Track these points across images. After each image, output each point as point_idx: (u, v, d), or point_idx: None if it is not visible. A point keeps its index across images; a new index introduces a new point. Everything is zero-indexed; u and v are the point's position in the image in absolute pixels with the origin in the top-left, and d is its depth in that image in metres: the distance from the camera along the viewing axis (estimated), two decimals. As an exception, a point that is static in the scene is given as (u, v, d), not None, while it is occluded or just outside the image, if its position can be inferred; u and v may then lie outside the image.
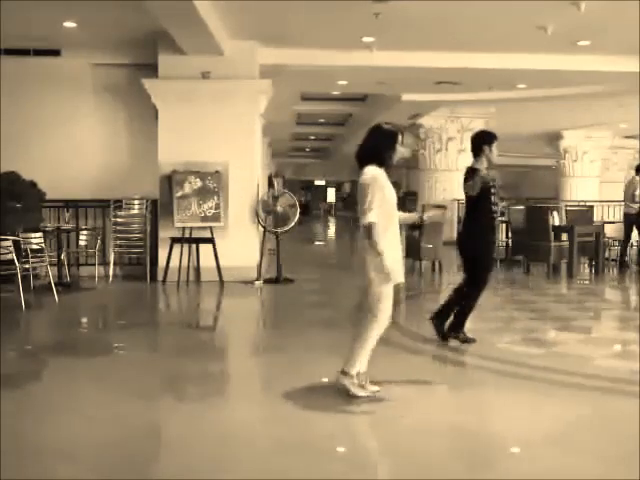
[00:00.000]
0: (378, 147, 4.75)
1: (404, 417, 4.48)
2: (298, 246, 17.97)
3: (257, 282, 10.31)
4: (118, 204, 10.67)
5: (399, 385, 5.02)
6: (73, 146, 11.06)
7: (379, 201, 4.57)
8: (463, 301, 6.40)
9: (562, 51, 10.60)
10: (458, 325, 6.39)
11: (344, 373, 4.75)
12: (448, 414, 4.61)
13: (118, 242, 10.62)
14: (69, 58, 10.90)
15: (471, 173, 6.28)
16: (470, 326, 6.51)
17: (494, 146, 6.36)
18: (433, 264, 12.14)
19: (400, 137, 4.81)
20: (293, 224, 10.78)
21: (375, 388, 4.76)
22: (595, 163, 19.77)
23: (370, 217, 4.53)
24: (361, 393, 4.70)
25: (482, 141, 6.39)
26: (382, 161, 4.73)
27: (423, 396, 4.92)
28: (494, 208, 6.32)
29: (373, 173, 4.64)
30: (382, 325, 4.75)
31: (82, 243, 10.53)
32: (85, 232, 10.49)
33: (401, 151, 4.83)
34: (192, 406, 4.76)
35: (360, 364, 4.75)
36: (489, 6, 8.53)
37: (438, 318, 6.43)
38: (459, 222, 17.72)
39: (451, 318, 6.42)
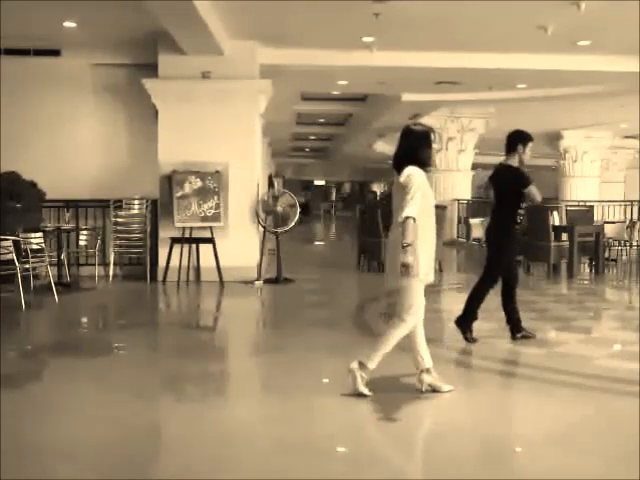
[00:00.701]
0: (413, 149, 4.79)
1: (404, 417, 4.48)
2: (298, 246, 17.98)
3: (257, 282, 10.30)
4: (118, 204, 10.67)
5: (399, 385, 5.01)
6: (73, 146, 11.07)
7: (419, 199, 4.57)
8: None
9: (562, 51, 10.60)
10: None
11: (361, 365, 4.75)
12: (450, 414, 4.60)
13: (118, 242, 10.61)
14: (69, 58, 10.90)
15: (507, 169, 6.42)
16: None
17: (529, 147, 6.46)
18: (440, 263, 12.11)
19: (432, 136, 4.85)
20: (293, 224, 10.78)
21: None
22: (595, 163, 19.77)
23: (409, 211, 4.52)
24: (365, 391, 4.70)
25: (518, 139, 6.48)
26: (420, 162, 4.76)
27: (422, 396, 4.91)
28: (521, 211, 6.44)
29: (413, 171, 4.67)
30: (409, 327, 4.76)
31: (82, 243, 10.53)
32: (85, 232, 10.49)
33: (436, 149, 4.88)
34: (192, 406, 4.76)
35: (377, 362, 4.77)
36: (489, 6, 8.52)
37: (462, 321, 6.50)
38: (460, 222, 17.77)
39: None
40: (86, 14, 9.04)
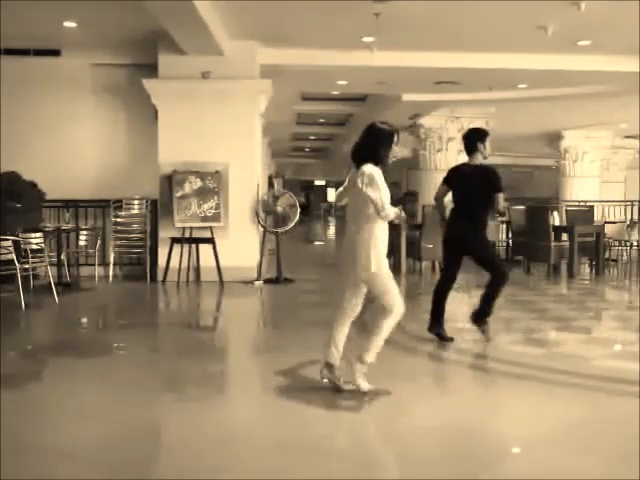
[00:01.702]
0: (374, 146, 4.81)
1: (404, 417, 4.48)
2: (298, 246, 17.98)
3: (257, 282, 10.31)
4: (118, 204, 10.67)
5: (399, 385, 5.00)
6: (73, 146, 11.08)
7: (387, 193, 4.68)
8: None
9: (562, 51, 10.59)
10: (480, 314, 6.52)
11: (360, 359, 4.80)
12: (448, 414, 4.60)
13: (118, 242, 10.62)
14: (69, 58, 10.91)
15: (485, 170, 6.45)
16: (472, 326, 6.52)
17: (487, 142, 6.50)
18: (433, 264, 12.13)
19: (396, 136, 4.84)
20: (293, 224, 10.78)
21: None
22: (595, 163, 19.75)
23: (390, 212, 4.67)
24: (365, 387, 4.73)
25: (476, 138, 6.53)
26: (378, 160, 4.79)
27: (422, 396, 4.91)
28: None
29: (373, 170, 4.71)
30: (398, 315, 4.82)
31: (82, 243, 10.54)
32: (85, 232, 10.50)
33: (396, 150, 4.86)
34: (192, 406, 4.76)
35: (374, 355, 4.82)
36: (489, 6, 8.52)
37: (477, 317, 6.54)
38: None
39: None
40: (86, 14, 9.05)
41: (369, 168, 4.71)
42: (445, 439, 4.12)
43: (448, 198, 6.70)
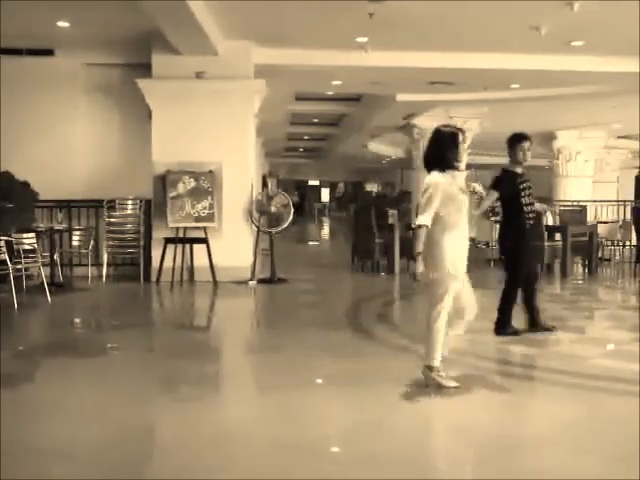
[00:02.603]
0: (439, 151, 4.90)
1: (399, 417, 4.48)
2: (292, 246, 17.98)
3: (251, 282, 10.30)
4: (111, 204, 10.65)
5: (390, 385, 5.00)
6: (66, 146, 11.04)
7: (438, 204, 4.75)
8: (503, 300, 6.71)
9: (556, 51, 10.61)
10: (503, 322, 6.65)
11: (429, 368, 4.88)
12: (444, 414, 4.61)
13: (111, 242, 10.60)
14: (62, 58, 10.87)
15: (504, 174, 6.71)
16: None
17: (525, 146, 6.66)
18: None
19: (460, 136, 4.92)
20: (287, 224, 10.77)
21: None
22: (588, 163, 19.79)
23: (420, 219, 4.75)
24: (451, 384, 4.86)
25: (515, 141, 6.69)
26: (446, 164, 4.86)
27: (417, 396, 4.91)
28: (526, 209, 6.59)
29: (432, 179, 4.82)
30: (444, 314, 4.90)
31: (75, 243, 10.51)
32: (78, 232, 10.47)
33: (464, 149, 4.97)
34: (188, 406, 4.75)
35: (439, 354, 4.91)
36: (483, 6, 8.53)
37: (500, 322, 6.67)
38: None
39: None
40: (80, 14, 9.02)
41: (429, 178, 4.84)
42: (440, 439, 4.12)
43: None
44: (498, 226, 6.88)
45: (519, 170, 6.71)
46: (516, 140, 6.67)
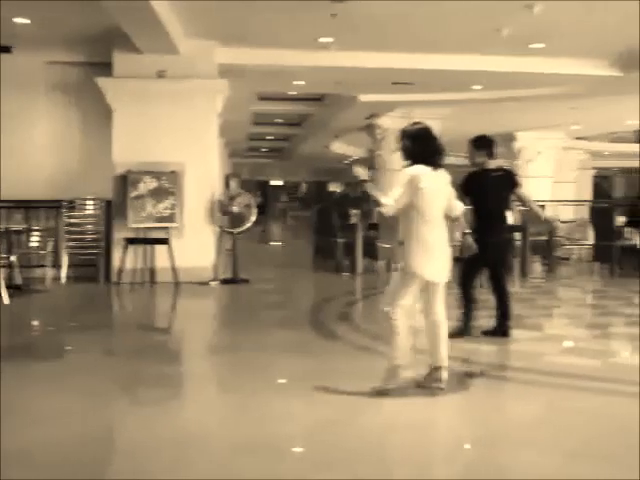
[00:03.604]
0: (410, 148, 4.87)
1: (360, 417, 4.50)
2: (255, 246, 17.94)
3: (213, 282, 10.25)
4: (71, 205, 10.51)
5: (353, 384, 5.02)
6: (25, 145, 10.87)
7: (408, 196, 4.69)
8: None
9: (516, 53, 10.75)
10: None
11: (436, 369, 4.90)
12: (405, 413, 4.63)
13: (71, 243, 10.47)
14: (21, 55, 10.67)
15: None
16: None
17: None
18: (389, 264, 12.19)
19: (430, 133, 4.90)
20: (249, 224, 10.75)
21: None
22: (548, 164, 20.06)
23: (384, 200, 4.69)
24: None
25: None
26: (424, 161, 4.81)
27: (378, 396, 4.93)
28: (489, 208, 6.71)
29: (410, 171, 4.77)
30: (401, 313, 4.82)
31: (34, 244, 10.36)
32: (37, 233, 10.32)
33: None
34: (147, 408, 4.72)
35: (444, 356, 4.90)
36: (445, 8, 8.60)
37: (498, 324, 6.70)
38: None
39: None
40: (39, 11, 8.88)
41: (409, 169, 4.79)
42: (398, 438, 4.15)
43: None
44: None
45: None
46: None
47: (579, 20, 9.00)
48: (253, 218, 10.71)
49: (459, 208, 5.19)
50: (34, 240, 10.34)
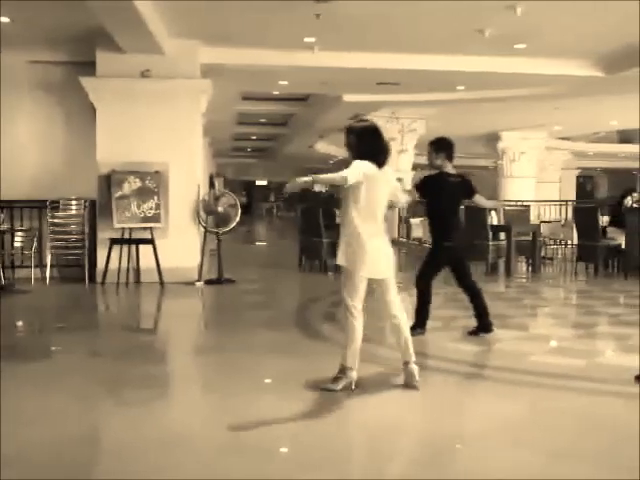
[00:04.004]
0: (355, 146, 4.84)
1: (346, 417, 4.50)
2: (240, 246, 17.91)
3: (198, 283, 10.23)
4: (55, 205, 10.45)
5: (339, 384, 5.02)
6: (8, 145, 10.76)
7: (356, 171, 4.66)
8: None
9: (500, 54, 10.80)
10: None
11: (344, 368, 4.87)
12: (389, 413, 4.64)
13: (55, 243, 10.41)
14: (3, 54, 10.57)
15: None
16: (410, 324, 6.59)
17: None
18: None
19: (376, 131, 4.88)
20: (234, 224, 10.73)
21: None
22: (531, 164, 20.19)
23: (344, 172, 4.64)
24: (338, 387, 4.83)
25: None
26: (368, 157, 4.78)
27: (363, 396, 4.94)
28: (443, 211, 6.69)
29: (359, 164, 4.73)
30: (356, 313, 4.82)
31: (17, 245, 10.30)
32: (21, 233, 10.26)
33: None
34: (133, 409, 4.70)
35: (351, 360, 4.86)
36: (429, 8, 8.63)
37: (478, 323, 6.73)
38: (400, 222, 17.93)
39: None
40: (22, 10, 8.81)
41: (355, 162, 4.75)
42: (384, 438, 4.15)
43: None
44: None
45: None
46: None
47: (561, 21, 9.06)
48: (238, 218, 10.69)
49: (403, 200, 5.27)
50: (18, 240, 10.28)
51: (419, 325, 6.65)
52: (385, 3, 8.44)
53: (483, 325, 6.70)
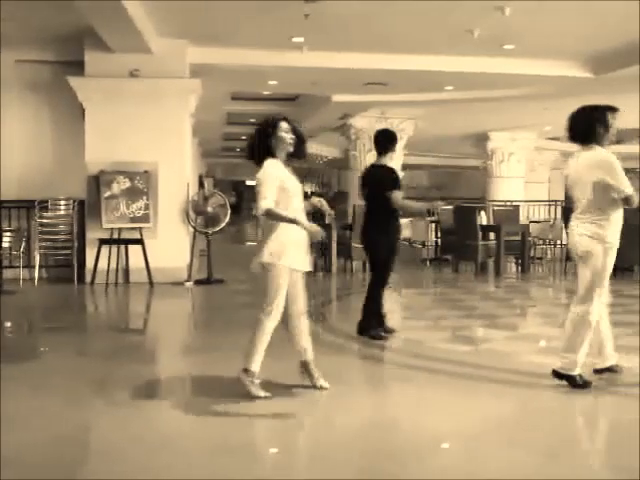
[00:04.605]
0: (257, 141, 4.85)
1: (335, 416, 4.50)
2: (229, 246, 17.88)
3: (187, 283, 10.21)
4: (44, 205, 10.41)
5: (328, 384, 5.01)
6: (-4, 145, 10.73)
7: (275, 191, 4.61)
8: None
9: (489, 54, 10.83)
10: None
11: (245, 371, 4.77)
12: (377, 412, 4.64)
13: (44, 244, 10.37)
14: (-9, 54, 10.55)
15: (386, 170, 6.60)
16: (400, 324, 6.61)
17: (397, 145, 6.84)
18: (364, 264, 12.21)
19: (283, 125, 4.80)
20: (224, 224, 10.71)
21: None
22: (521, 164, 20.24)
23: (265, 204, 4.57)
24: (260, 394, 4.69)
25: (391, 139, 6.75)
26: (271, 153, 4.78)
27: (351, 394, 4.94)
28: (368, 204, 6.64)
29: (267, 167, 4.70)
30: (274, 320, 4.80)
31: (5, 245, 10.25)
32: (9, 234, 10.21)
33: (286, 138, 4.78)
34: (122, 410, 4.67)
35: (257, 362, 4.76)
36: (416, 8, 8.64)
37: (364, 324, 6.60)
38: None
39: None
40: (9, 9, 8.76)
41: (265, 164, 4.74)
42: (374, 436, 4.15)
43: None
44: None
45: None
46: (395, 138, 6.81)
47: (550, 22, 9.08)
48: (227, 218, 10.68)
49: None
50: (6, 241, 10.24)
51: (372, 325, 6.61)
52: (374, 3, 8.45)
53: (362, 325, 6.61)
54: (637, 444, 3.83)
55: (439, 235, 13.59)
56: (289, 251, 4.69)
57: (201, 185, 12.78)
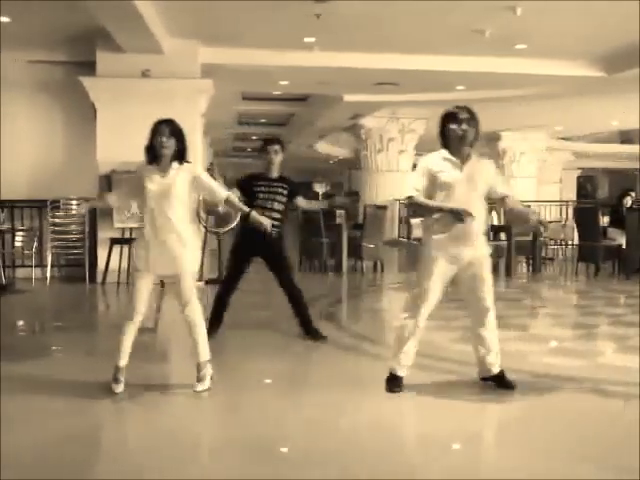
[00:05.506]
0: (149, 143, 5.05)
1: (336, 417, 4.50)
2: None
3: (198, 282, 10.20)
4: (55, 204, 10.46)
5: (330, 384, 5.01)
6: (9, 145, 10.78)
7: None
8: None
9: (500, 54, 10.80)
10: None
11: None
12: (380, 413, 4.63)
13: (56, 243, 10.42)
14: (2, 54, 10.57)
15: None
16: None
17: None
18: (375, 264, 12.22)
19: (167, 127, 5.10)
20: (235, 224, 10.71)
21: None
22: (532, 164, 20.18)
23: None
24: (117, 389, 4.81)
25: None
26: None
27: (353, 395, 4.94)
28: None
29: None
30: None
31: (18, 244, 10.30)
32: (21, 233, 10.26)
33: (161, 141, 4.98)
34: (132, 408, 4.69)
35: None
36: (429, 9, 8.63)
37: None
38: (401, 222, 17.92)
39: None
40: (21, 9, 8.82)
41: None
42: (378, 438, 4.14)
43: None
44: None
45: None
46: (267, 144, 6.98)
47: (562, 21, 9.06)
48: (238, 218, 10.67)
49: None
50: (18, 240, 10.29)
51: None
52: (385, 3, 8.44)
53: (311, 334, 6.62)
54: (637, 444, 3.82)
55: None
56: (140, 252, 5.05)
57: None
